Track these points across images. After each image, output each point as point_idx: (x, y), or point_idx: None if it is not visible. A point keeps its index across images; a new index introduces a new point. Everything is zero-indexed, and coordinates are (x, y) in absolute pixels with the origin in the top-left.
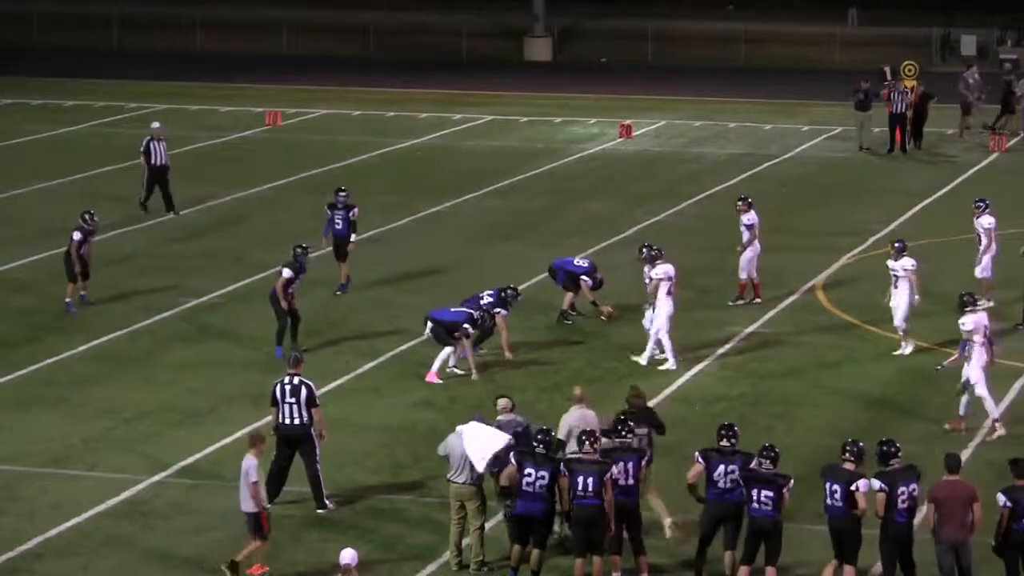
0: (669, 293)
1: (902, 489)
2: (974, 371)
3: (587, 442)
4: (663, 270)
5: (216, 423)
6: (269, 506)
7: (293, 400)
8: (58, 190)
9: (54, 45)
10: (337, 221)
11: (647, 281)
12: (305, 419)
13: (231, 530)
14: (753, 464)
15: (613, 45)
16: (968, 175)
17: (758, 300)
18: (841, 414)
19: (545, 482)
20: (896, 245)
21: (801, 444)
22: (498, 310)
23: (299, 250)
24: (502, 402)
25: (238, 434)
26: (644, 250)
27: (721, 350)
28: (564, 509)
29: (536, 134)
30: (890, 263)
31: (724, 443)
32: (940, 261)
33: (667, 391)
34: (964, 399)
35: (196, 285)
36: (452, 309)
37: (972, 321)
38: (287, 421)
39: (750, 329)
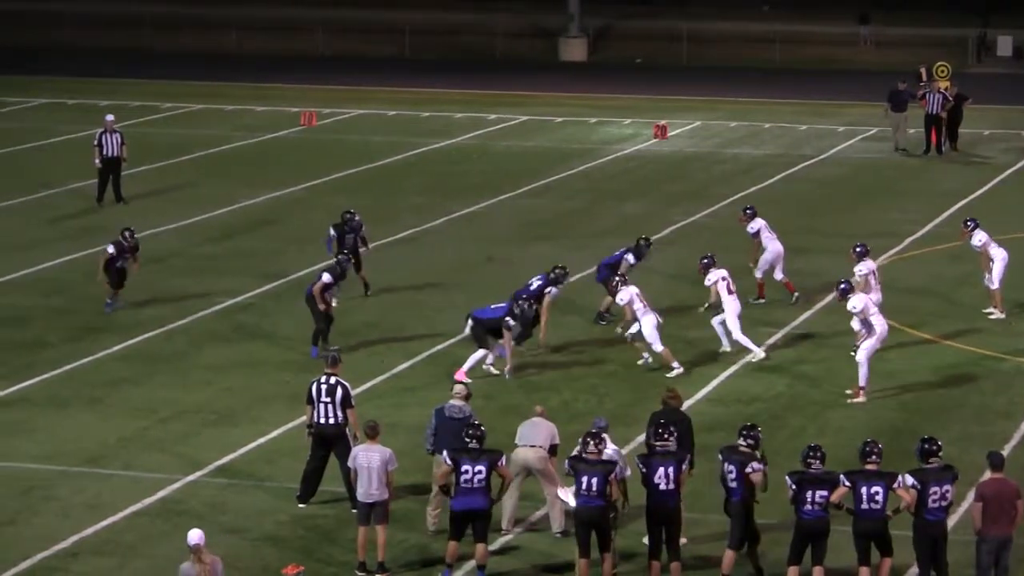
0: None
1: (934, 489)
2: (868, 342)
3: (592, 442)
4: (626, 295)
5: (251, 423)
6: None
7: (328, 400)
8: (93, 190)
9: (89, 45)
10: (348, 241)
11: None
12: (340, 419)
13: (266, 529)
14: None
15: (648, 46)
16: (1004, 176)
17: (796, 294)
18: (874, 415)
19: (483, 476)
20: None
21: (833, 446)
22: (549, 289)
23: (342, 256)
24: (458, 387)
25: (273, 434)
26: (616, 279)
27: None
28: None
29: (571, 134)
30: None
31: (744, 442)
32: (975, 262)
33: (703, 392)
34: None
35: (230, 285)
36: (493, 306)
37: (860, 301)
38: (322, 420)
39: (785, 330)
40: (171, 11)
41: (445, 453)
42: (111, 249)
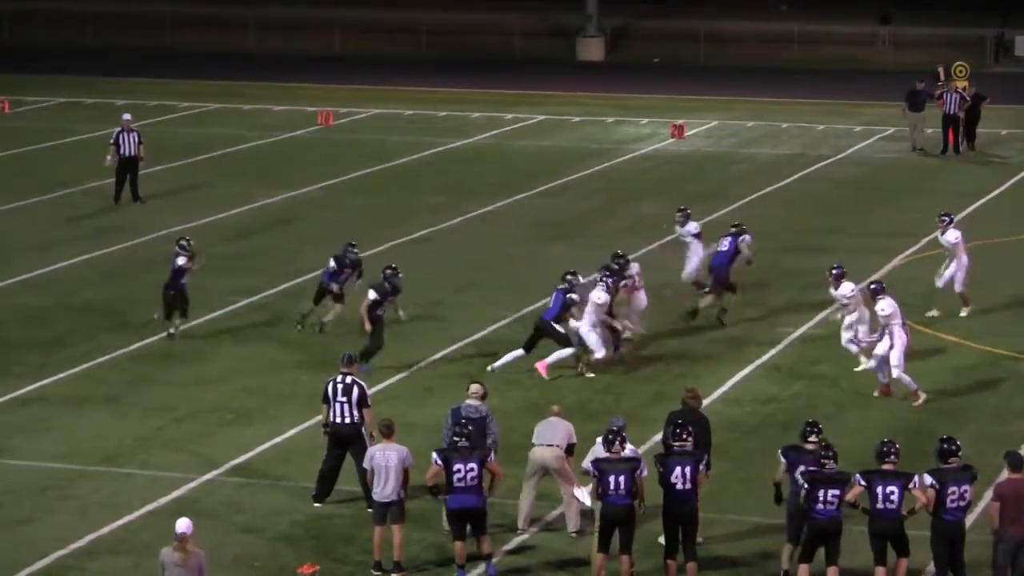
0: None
1: (953, 489)
2: (896, 353)
3: (616, 441)
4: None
5: (267, 422)
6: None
7: (344, 399)
8: (110, 190)
9: (106, 44)
10: (345, 274)
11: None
12: (356, 418)
13: (281, 528)
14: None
15: (665, 45)
16: (1021, 176)
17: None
18: (892, 416)
19: (475, 474)
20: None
21: (850, 446)
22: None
23: (389, 271)
24: (474, 387)
25: (289, 433)
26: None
27: (772, 351)
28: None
29: (588, 134)
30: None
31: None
32: (994, 262)
33: (719, 392)
34: (878, 369)
35: (247, 284)
36: (551, 306)
37: (890, 306)
38: (338, 420)
39: (801, 330)
40: (188, 10)
41: (435, 454)
42: (181, 261)
